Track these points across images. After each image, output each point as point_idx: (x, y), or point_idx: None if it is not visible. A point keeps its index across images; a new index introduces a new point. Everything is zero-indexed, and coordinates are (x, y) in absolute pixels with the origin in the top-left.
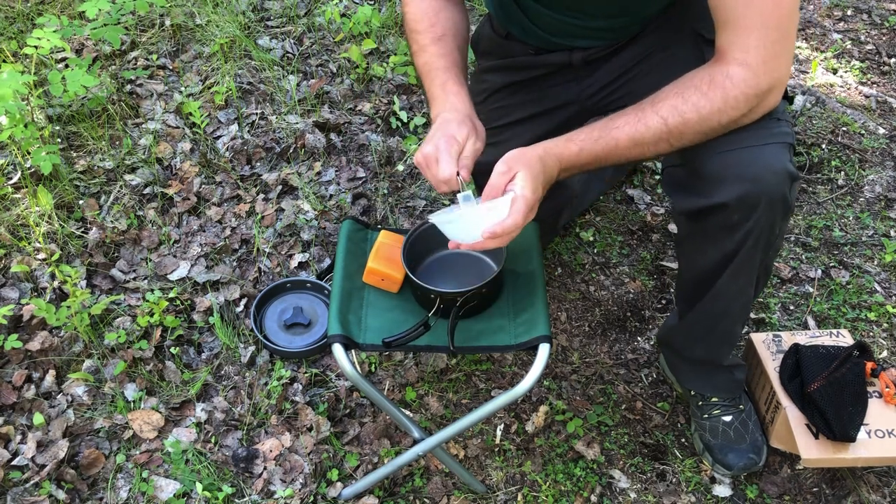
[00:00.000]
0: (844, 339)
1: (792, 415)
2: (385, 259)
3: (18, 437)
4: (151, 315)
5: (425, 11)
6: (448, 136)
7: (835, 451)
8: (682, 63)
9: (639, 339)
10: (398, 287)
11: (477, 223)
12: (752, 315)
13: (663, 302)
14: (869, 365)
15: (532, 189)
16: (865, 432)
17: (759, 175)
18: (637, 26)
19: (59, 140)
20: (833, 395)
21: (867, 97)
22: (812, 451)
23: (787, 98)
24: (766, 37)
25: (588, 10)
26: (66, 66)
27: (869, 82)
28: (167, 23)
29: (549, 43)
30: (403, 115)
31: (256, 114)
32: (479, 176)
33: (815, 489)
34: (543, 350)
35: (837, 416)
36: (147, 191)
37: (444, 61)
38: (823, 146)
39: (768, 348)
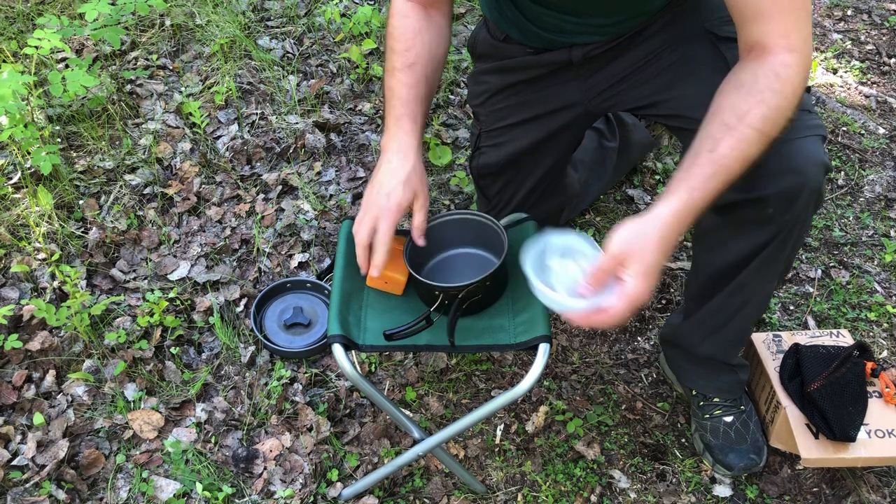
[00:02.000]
0: (844, 339)
1: (792, 415)
2: (387, 262)
3: (18, 437)
4: (151, 315)
5: (406, 31)
6: (391, 211)
7: (835, 451)
8: (700, 63)
9: (639, 339)
10: (402, 289)
11: (572, 304)
12: None
13: (663, 302)
14: (869, 365)
15: (645, 286)
16: (865, 432)
17: (801, 167)
18: (636, 20)
19: (59, 140)
20: (833, 394)
21: (867, 97)
22: (812, 451)
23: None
24: (799, 18)
25: (585, 10)
26: (66, 66)
27: (869, 82)
28: (167, 23)
29: (548, 42)
30: None
31: (256, 114)
32: (481, 178)
33: (815, 489)
34: (543, 350)
35: (837, 416)
36: (147, 191)
37: (406, 91)
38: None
39: (768, 348)
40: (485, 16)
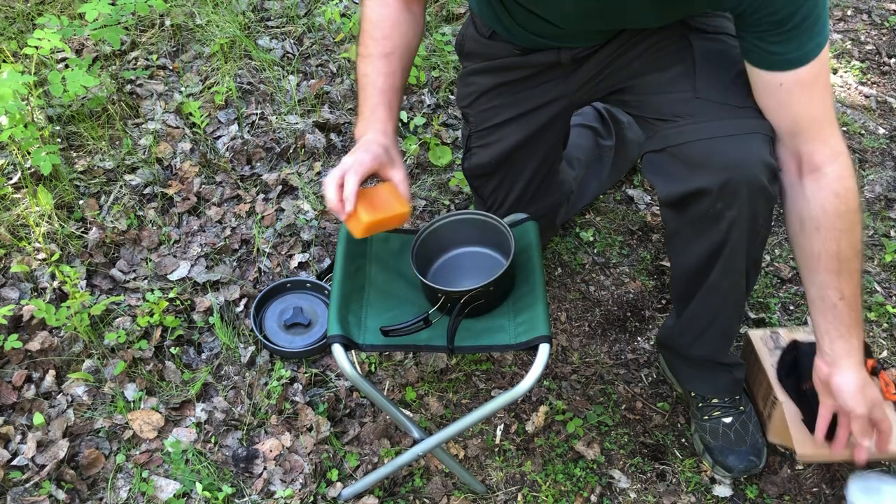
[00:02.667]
0: None
1: (788, 410)
2: (365, 199)
3: (18, 437)
4: (151, 315)
5: (384, 19)
6: (360, 165)
7: (830, 446)
8: (667, 52)
9: (639, 339)
10: (360, 231)
11: None
12: (752, 315)
13: (663, 302)
14: (869, 363)
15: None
16: None
17: (738, 163)
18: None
19: (59, 140)
20: None
21: (867, 97)
22: (807, 446)
23: None
24: (831, 121)
25: (576, 25)
26: (66, 66)
27: (869, 82)
28: (167, 23)
29: (535, 43)
30: (403, 115)
31: (256, 114)
32: (474, 179)
33: (814, 489)
34: (543, 350)
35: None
36: (147, 191)
37: (383, 80)
38: None
39: (766, 345)
40: (472, 12)
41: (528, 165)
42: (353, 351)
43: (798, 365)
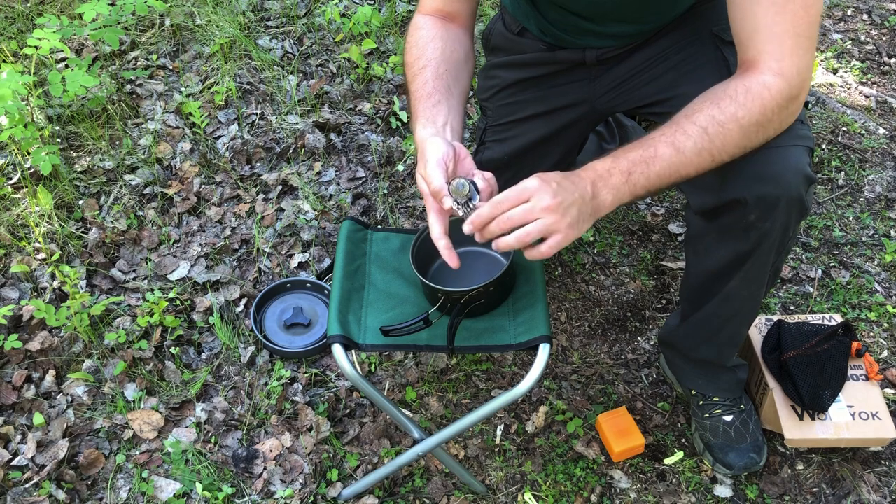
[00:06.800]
0: (835, 321)
1: (778, 396)
2: (618, 432)
3: (18, 437)
4: (151, 315)
5: (418, 41)
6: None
7: (818, 430)
8: (702, 64)
9: (639, 339)
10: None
11: None
12: None
13: (663, 302)
14: (854, 345)
15: (536, 183)
16: (850, 414)
17: (779, 175)
18: (651, 30)
19: (59, 140)
20: (808, 365)
21: (867, 97)
22: (795, 430)
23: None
24: (800, 45)
25: (605, 18)
26: (66, 66)
27: (869, 82)
28: (167, 23)
29: (564, 41)
30: (403, 116)
31: (256, 114)
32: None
33: (815, 489)
34: (543, 350)
35: (809, 385)
36: (147, 191)
37: (420, 90)
38: (823, 146)
39: (759, 332)
40: (503, 7)
41: (540, 167)
42: (353, 351)
43: (781, 342)
